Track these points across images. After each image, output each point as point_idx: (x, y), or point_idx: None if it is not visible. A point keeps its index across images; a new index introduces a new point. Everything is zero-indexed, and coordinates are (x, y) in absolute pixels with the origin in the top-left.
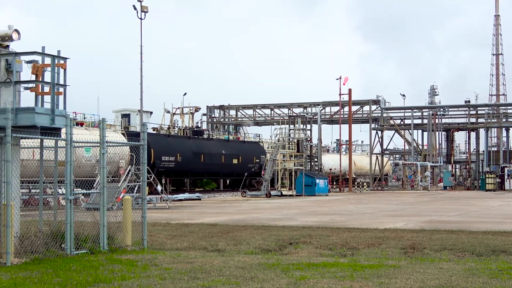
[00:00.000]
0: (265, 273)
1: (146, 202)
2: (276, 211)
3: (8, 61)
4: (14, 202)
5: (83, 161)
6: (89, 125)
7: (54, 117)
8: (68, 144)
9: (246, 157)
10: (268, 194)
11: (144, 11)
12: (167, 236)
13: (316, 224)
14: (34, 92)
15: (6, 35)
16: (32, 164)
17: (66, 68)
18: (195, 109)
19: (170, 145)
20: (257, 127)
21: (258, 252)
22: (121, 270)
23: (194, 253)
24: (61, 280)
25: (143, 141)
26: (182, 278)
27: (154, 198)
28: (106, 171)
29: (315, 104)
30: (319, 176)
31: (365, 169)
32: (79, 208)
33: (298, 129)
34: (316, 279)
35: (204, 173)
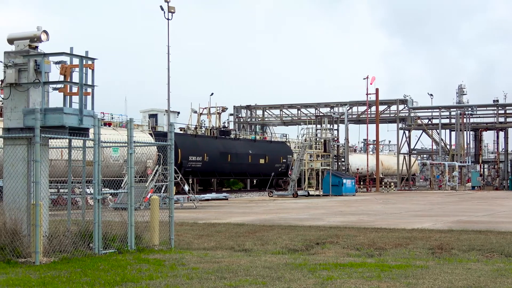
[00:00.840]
0: (292, 273)
1: (173, 201)
2: (303, 211)
3: (37, 62)
4: (43, 201)
5: (111, 161)
6: (116, 125)
7: (82, 117)
8: (96, 144)
9: (273, 157)
10: (295, 194)
11: (171, 12)
12: (194, 235)
13: (343, 224)
14: (62, 93)
15: (35, 36)
16: (61, 164)
17: (94, 68)
18: (222, 109)
19: (197, 145)
20: (284, 127)
21: (285, 252)
22: (149, 269)
23: (221, 252)
24: (89, 279)
25: (170, 141)
26: (209, 277)
27: (181, 198)
28: (134, 171)
29: (342, 103)
30: (346, 176)
31: (392, 169)
32: (107, 207)
33: (325, 129)
34: (343, 279)
35: (231, 173)
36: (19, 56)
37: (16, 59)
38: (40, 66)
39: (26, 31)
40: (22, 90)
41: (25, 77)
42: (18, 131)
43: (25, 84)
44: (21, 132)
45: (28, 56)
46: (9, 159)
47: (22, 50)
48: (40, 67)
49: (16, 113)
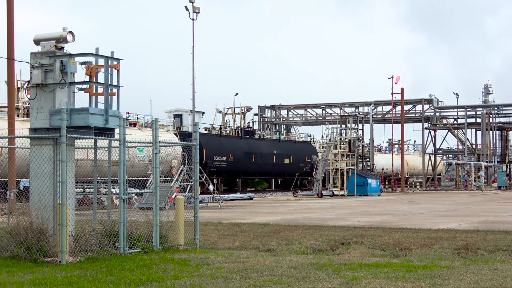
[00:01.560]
0: (317, 273)
1: (199, 201)
2: (327, 211)
3: (62, 63)
4: (69, 201)
5: (136, 161)
6: (142, 125)
7: (107, 117)
8: (121, 144)
9: (297, 157)
10: (319, 194)
11: (196, 12)
12: (219, 235)
13: (368, 224)
14: (88, 93)
15: (61, 37)
16: (86, 164)
17: (119, 69)
18: (246, 109)
19: (222, 145)
20: (308, 126)
21: (310, 252)
22: (174, 269)
23: (246, 252)
24: (115, 278)
25: (195, 141)
26: (234, 277)
27: (206, 198)
28: (159, 171)
29: (367, 103)
30: (371, 176)
31: (418, 169)
32: (132, 207)
33: (350, 129)
34: (368, 280)
35: (255, 173)
36: (45, 57)
37: (42, 60)
38: (66, 66)
39: (52, 32)
40: (48, 91)
41: (51, 77)
42: (44, 131)
43: (51, 84)
44: (48, 132)
45: (54, 57)
46: (36, 159)
47: (48, 51)
48: (66, 67)
49: (43, 113)
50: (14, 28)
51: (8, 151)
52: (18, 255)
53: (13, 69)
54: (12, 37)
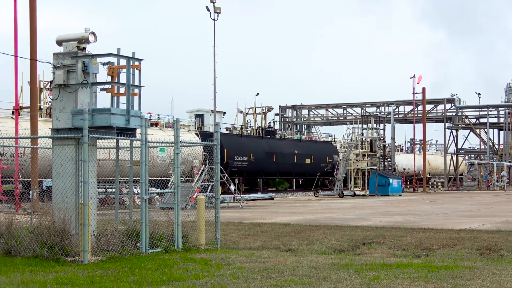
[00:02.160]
0: (338, 273)
1: (220, 201)
2: (349, 211)
3: (84, 63)
4: (91, 201)
5: (158, 161)
6: (163, 125)
7: (129, 117)
8: (143, 144)
9: (318, 156)
10: (341, 194)
11: (217, 12)
12: (240, 235)
13: (390, 224)
14: (109, 93)
15: (83, 38)
16: (108, 164)
17: (141, 69)
18: (267, 109)
19: (243, 145)
20: (329, 126)
21: (331, 252)
22: (195, 269)
23: (267, 252)
24: (137, 278)
25: (216, 141)
26: (255, 277)
27: (227, 198)
28: (180, 170)
29: (388, 103)
30: (392, 176)
31: (440, 168)
32: (154, 207)
33: (371, 129)
34: (390, 280)
35: (276, 173)
36: (67, 57)
37: (64, 61)
38: (88, 67)
39: (74, 33)
40: (70, 91)
41: (73, 78)
42: (66, 132)
43: (74, 85)
44: (70, 132)
45: (76, 57)
46: (58, 159)
47: (70, 51)
48: (88, 68)
49: (65, 113)
50: (36, 29)
51: (31, 151)
52: (41, 255)
53: (35, 70)
54: (34, 38)
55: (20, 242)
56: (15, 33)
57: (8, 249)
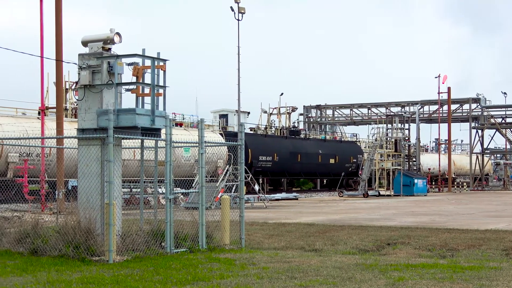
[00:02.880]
0: (363, 273)
1: (244, 201)
2: (373, 211)
3: (110, 64)
4: (116, 201)
5: (182, 161)
6: (188, 125)
7: (154, 118)
8: (167, 144)
9: (343, 156)
10: (365, 194)
11: (241, 12)
12: (264, 235)
13: (415, 225)
14: (134, 94)
15: (108, 38)
16: (133, 164)
17: (166, 69)
18: (292, 109)
19: (267, 145)
20: (354, 126)
21: (356, 252)
22: (220, 268)
23: (291, 252)
24: (162, 278)
25: (240, 141)
26: (279, 277)
27: (251, 198)
28: (205, 170)
29: (413, 103)
30: (417, 176)
31: (465, 169)
32: (179, 207)
33: (396, 128)
34: (415, 280)
35: (301, 173)
36: (93, 58)
37: (90, 61)
38: (113, 67)
39: (99, 34)
40: (95, 92)
41: (98, 78)
42: (92, 132)
43: (99, 85)
44: (95, 132)
45: (101, 58)
46: (83, 159)
47: (95, 52)
48: (113, 68)
49: (90, 114)
50: (62, 30)
51: (57, 151)
52: (67, 254)
53: (61, 71)
54: (60, 38)
55: (46, 242)
56: (41, 34)
57: (35, 249)
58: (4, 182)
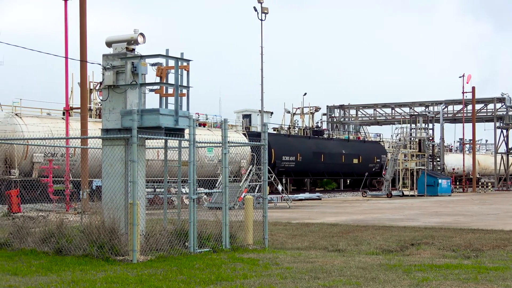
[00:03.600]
0: (387, 274)
1: (267, 201)
2: (397, 212)
3: (134, 64)
4: (140, 201)
5: (206, 161)
6: (211, 125)
7: (177, 118)
8: (191, 144)
9: (366, 156)
10: (389, 194)
11: (265, 13)
12: (287, 235)
13: (439, 225)
14: (158, 94)
15: (132, 39)
16: (157, 164)
17: (189, 70)
18: (315, 109)
19: (291, 145)
20: (377, 126)
21: (379, 252)
22: (243, 268)
23: (314, 252)
24: (185, 277)
25: (264, 141)
26: (303, 277)
27: (275, 198)
28: (228, 170)
29: (437, 102)
30: (441, 176)
31: (490, 169)
32: (202, 207)
33: (420, 128)
34: (439, 281)
35: (324, 173)
36: (117, 58)
37: (114, 62)
38: (137, 68)
39: (123, 34)
40: (119, 92)
41: (122, 79)
42: (116, 132)
43: (123, 86)
44: (119, 133)
45: (125, 58)
46: (108, 159)
47: (119, 52)
48: (137, 69)
49: (114, 114)
50: (86, 31)
51: (81, 151)
52: (91, 254)
53: (85, 71)
54: (84, 39)
55: (71, 241)
56: (65, 35)
57: (59, 248)
58: (29, 182)
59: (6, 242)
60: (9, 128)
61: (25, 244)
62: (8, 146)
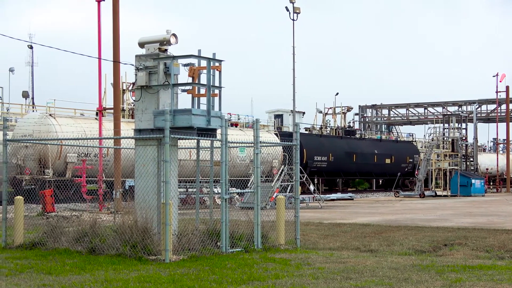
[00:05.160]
0: (419, 274)
1: (299, 201)
2: (430, 212)
3: (166, 65)
4: (173, 201)
5: (238, 161)
6: (243, 125)
7: (209, 118)
8: (223, 144)
9: (399, 156)
10: (422, 195)
11: (297, 12)
12: (319, 235)
13: (472, 226)
14: (190, 94)
15: (164, 40)
16: (189, 164)
17: (221, 70)
18: (347, 109)
19: (322, 145)
20: (410, 126)
21: (412, 253)
22: (275, 268)
23: (346, 253)
24: (217, 277)
25: (295, 141)
26: (335, 278)
27: (306, 198)
28: (260, 170)
29: (470, 102)
30: (475, 176)
31: None
32: (234, 207)
33: (453, 128)
34: (472, 282)
35: (356, 173)
36: (149, 59)
37: (146, 62)
38: (170, 68)
39: (156, 35)
40: (152, 92)
41: (155, 79)
42: (148, 132)
43: (155, 86)
44: (152, 133)
45: (158, 59)
46: (140, 159)
47: (152, 53)
48: (170, 69)
49: (147, 114)
50: (119, 32)
51: (114, 151)
52: (124, 253)
53: (118, 72)
54: (117, 40)
55: (104, 241)
56: (98, 36)
57: (92, 248)
58: (63, 182)
59: (40, 241)
60: (44, 129)
61: (59, 244)
62: (43, 146)
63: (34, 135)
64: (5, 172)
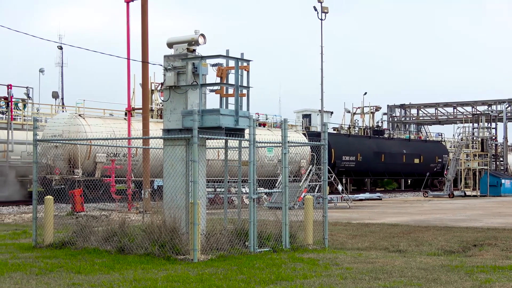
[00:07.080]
0: (448, 275)
1: (327, 201)
2: (459, 212)
3: (194, 65)
4: (201, 200)
5: (266, 161)
6: (271, 125)
7: (238, 118)
8: (251, 144)
9: (427, 156)
10: (451, 195)
11: (325, 12)
12: (347, 235)
13: (502, 226)
14: (218, 94)
15: (193, 40)
16: (217, 164)
17: (249, 70)
18: (375, 109)
19: (351, 144)
20: (439, 126)
21: (441, 253)
22: (303, 268)
23: (375, 253)
24: (245, 277)
25: (324, 141)
26: (363, 278)
27: (335, 198)
28: (288, 170)
29: (500, 101)
30: (505, 176)
31: None
32: (262, 207)
33: (482, 128)
34: (502, 283)
35: (384, 173)
36: (178, 59)
37: (175, 63)
38: (198, 68)
39: (184, 35)
40: (180, 93)
41: (183, 79)
42: (177, 132)
43: (184, 86)
44: (180, 133)
45: (186, 59)
46: (169, 159)
47: (180, 53)
48: (198, 69)
49: (175, 114)
50: (148, 32)
51: (143, 151)
52: (152, 253)
53: (147, 72)
54: (146, 40)
55: (133, 240)
56: (127, 37)
57: (121, 247)
58: (92, 182)
59: (70, 240)
60: (73, 129)
61: (88, 243)
62: (72, 146)
63: (63, 135)
64: (35, 172)
